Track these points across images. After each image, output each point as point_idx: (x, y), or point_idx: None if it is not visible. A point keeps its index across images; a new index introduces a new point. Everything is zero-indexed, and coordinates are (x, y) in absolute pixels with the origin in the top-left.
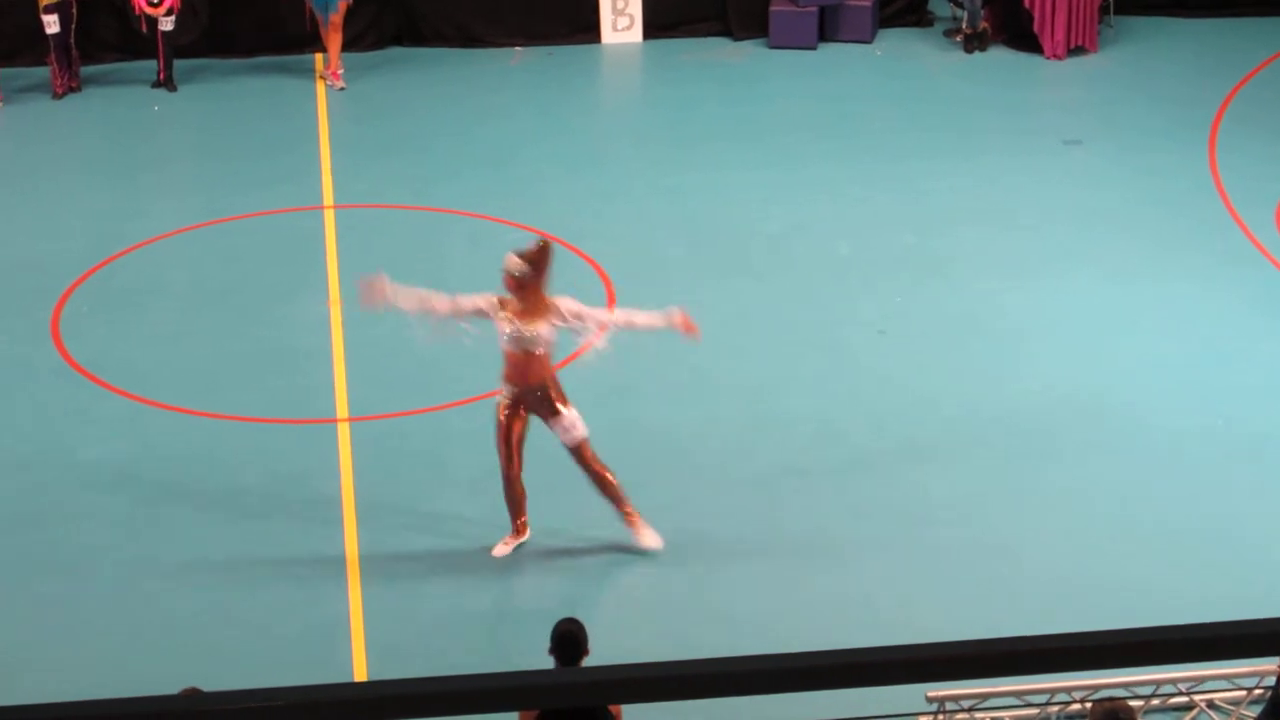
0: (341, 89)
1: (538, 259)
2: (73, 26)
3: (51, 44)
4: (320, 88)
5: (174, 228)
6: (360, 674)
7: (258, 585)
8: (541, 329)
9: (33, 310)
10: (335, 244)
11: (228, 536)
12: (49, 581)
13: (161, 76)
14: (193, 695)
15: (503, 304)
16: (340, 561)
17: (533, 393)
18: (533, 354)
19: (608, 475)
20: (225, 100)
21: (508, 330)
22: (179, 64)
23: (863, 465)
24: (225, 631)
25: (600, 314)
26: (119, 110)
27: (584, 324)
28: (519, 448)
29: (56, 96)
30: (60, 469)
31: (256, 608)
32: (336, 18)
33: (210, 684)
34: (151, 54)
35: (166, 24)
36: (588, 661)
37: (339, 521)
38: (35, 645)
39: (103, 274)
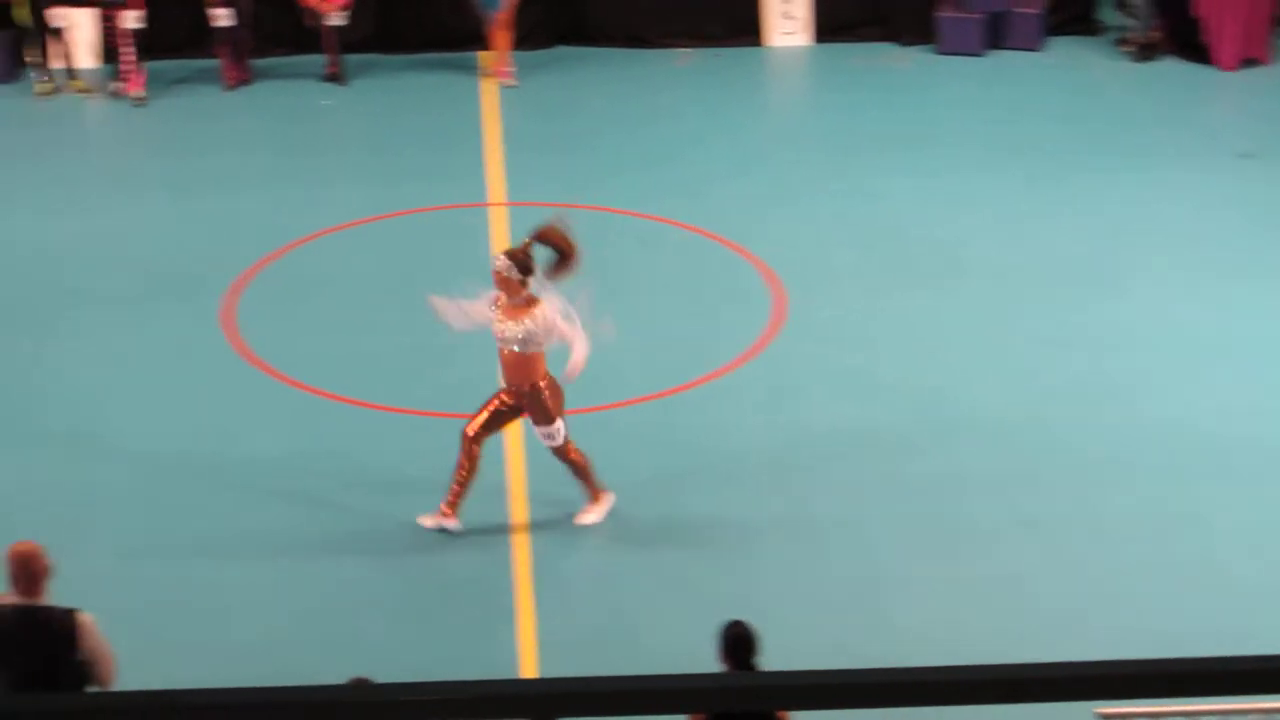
0: (512, 86)
1: (523, 259)
2: (245, 20)
3: (224, 37)
4: (486, 85)
5: (343, 221)
6: (525, 670)
7: (423, 577)
8: (520, 328)
9: (203, 299)
10: (503, 240)
11: (393, 528)
12: (219, 568)
13: (332, 71)
14: (362, 685)
15: (495, 301)
16: (507, 556)
17: (517, 389)
18: (518, 353)
19: (585, 462)
20: (393, 95)
21: (495, 328)
22: (349, 59)
23: (1031, 476)
24: (390, 622)
25: (571, 333)
26: (288, 102)
27: (552, 334)
28: (491, 427)
29: (228, 88)
30: (231, 457)
31: (421, 598)
32: (504, 16)
33: (376, 674)
34: (321, 49)
35: (336, 19)
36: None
37: (506, 516)
38: (202, 628)
39: (275, 265)
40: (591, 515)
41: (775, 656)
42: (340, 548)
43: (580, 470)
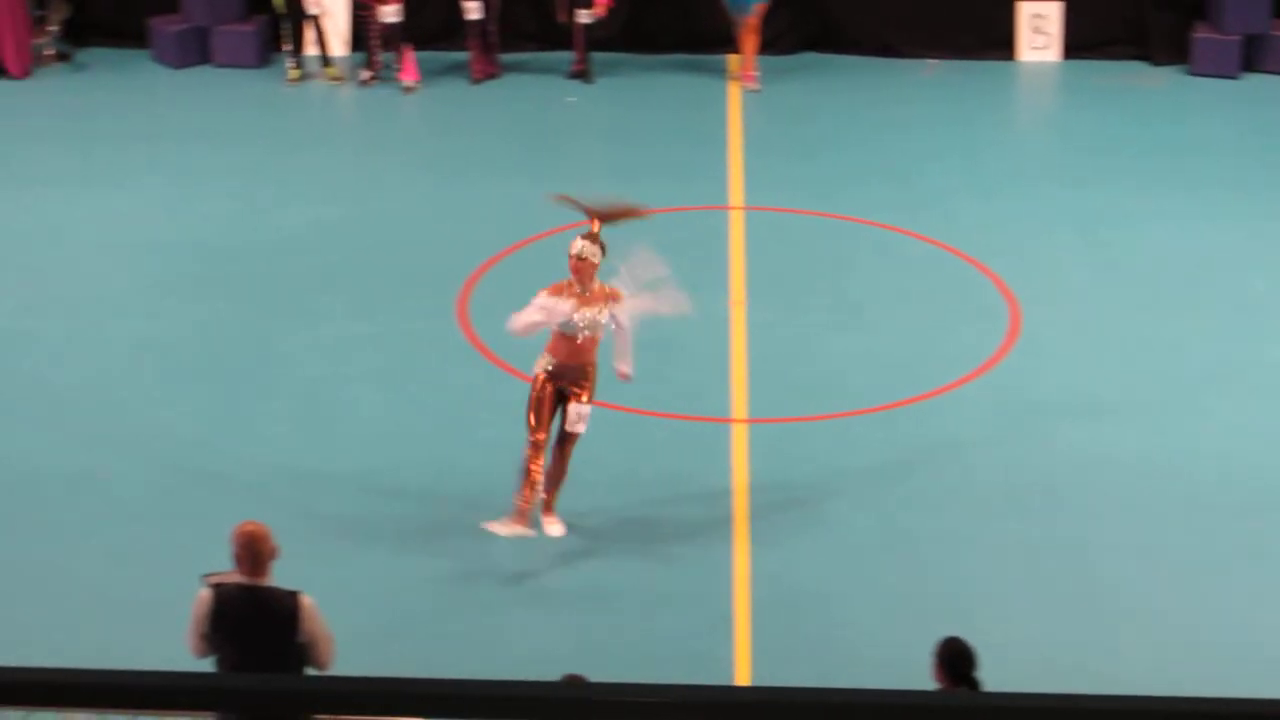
0: (755, 90)
1: (601, 243)
2: (494, 14)
3: (473, 30)
4: (732, 88)
5: (581, 217)
6: (741, 677)
7: (643, 577)
8: (601, 315)
9: (441, 290)
10: (741, 244)
11: (614, 526)
12: (442, 558)
13: (578, 67)
14: (576, 683)
15: (563, 290)
16: (727, 561)
17: (575, 370)
18: (590, 337)
19: (565, 473)
20: (639, 95)
21: (574, 317)
22: (595, 57)
23: (1266, 508)
24: (606, 620)
25: (624, 317)
26: (534, 98)
27: (618, 319)
28: (550, 418)
29: (475, 82)
30: (460, 446)
31: (640, 599)
32: (753, 20)
33: (588, 672)
34: (570, 45)
35: (586, 17)
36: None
37: (729, 521)
38: (427, 619)
39: (513, 258)
40: (499, 527)
41: (994, 676)
42: (560, 542)
43: (558, 478)
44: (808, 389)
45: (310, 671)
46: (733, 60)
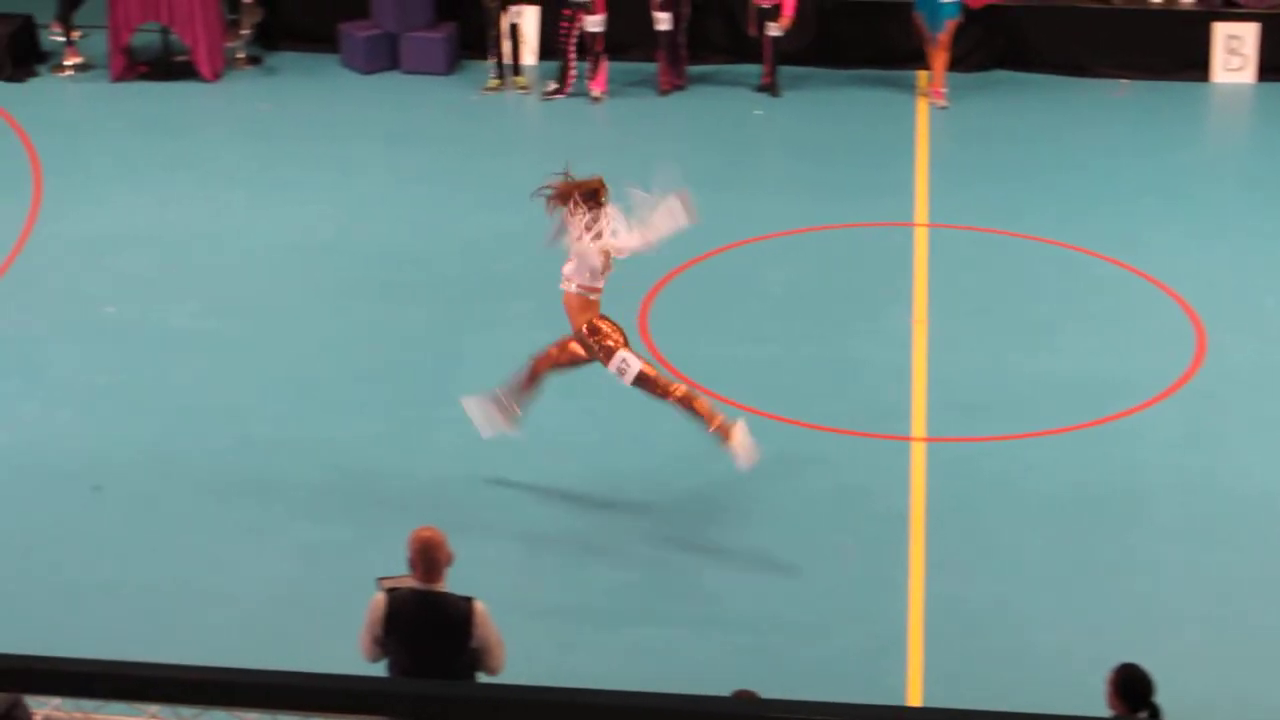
0: (943, 107)
1: (578, 190)
2: (683, 25)
3: (663, 41)
4: (921, 105)
5: (766, 231)
6: (913, 698)
7: (815, 594)
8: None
9: (623, 300)
10: (925, 262)
11: (790, 543)
12: (616, 570)
13: (766, 80)
14: (748, 699)
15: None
16: (902, 582)
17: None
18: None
19: (685, 395)
20: (826, 109)
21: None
22: (784, 70)
23: None
24: (779, 636)
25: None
26: (721, 110)
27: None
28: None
29: (662, 93)
30: (636, 457)
31: (812, 616)
32: (944, 36)
33: (760, 688)
34: (758, 58)
35: (775, 30)
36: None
37: (904, 541)
38: (598, 629)
39: (694, 271)
40: (743, 453)
41: (1172, 705)
42: (735, 557)
43: (687, 408)
44: (988, 409)
45: (481, 678)
46: (922, 76)
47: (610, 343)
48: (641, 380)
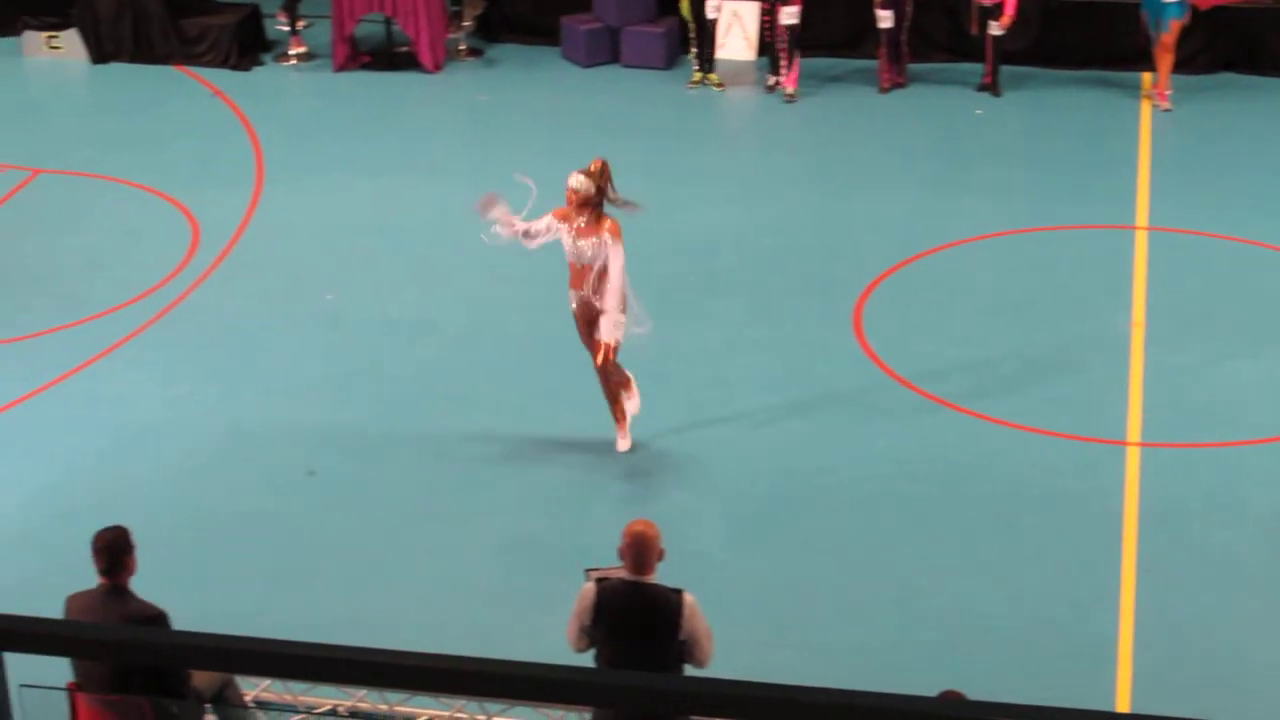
0: (1167, 110)
1: (600, 178)
2: (906, 24)
3: (883, 38)
4: (1145, 107)
5: (983, 231)
6: (1122, 704)
7: (1024, 596)
8: (591, 248)
9: (835, 298)
10: (1144, 267)
11: (999, 544)
12: (822, 566)
13: (987, 80)
14: (954, 699)
15: (564, 218)
16: (1114, 586)
17: (589, 301)
18: (588, 266)
19: (629, 382)
20: (1047, 110)
21: (568, 244)
22: (1005, 70)
23: None
24: (985, 638)
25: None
26: (940, 110)
27: (606, 261)
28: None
29: (882, 90)
30: (849, 457)
31: (1021, 619)
32: (1169, 37)
33: (964, 690)
34: (980, 56)
35: (997, 29)
36: None
37: (1118, 546)
38: (805, 625)
39: (908, 270)
40: (624, 442)
41: None
42: (943, 556)
43: (612, 395)
44: (1204, 415)
45: (688, 670)
46: (1146, 78)
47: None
48: (616, 350)
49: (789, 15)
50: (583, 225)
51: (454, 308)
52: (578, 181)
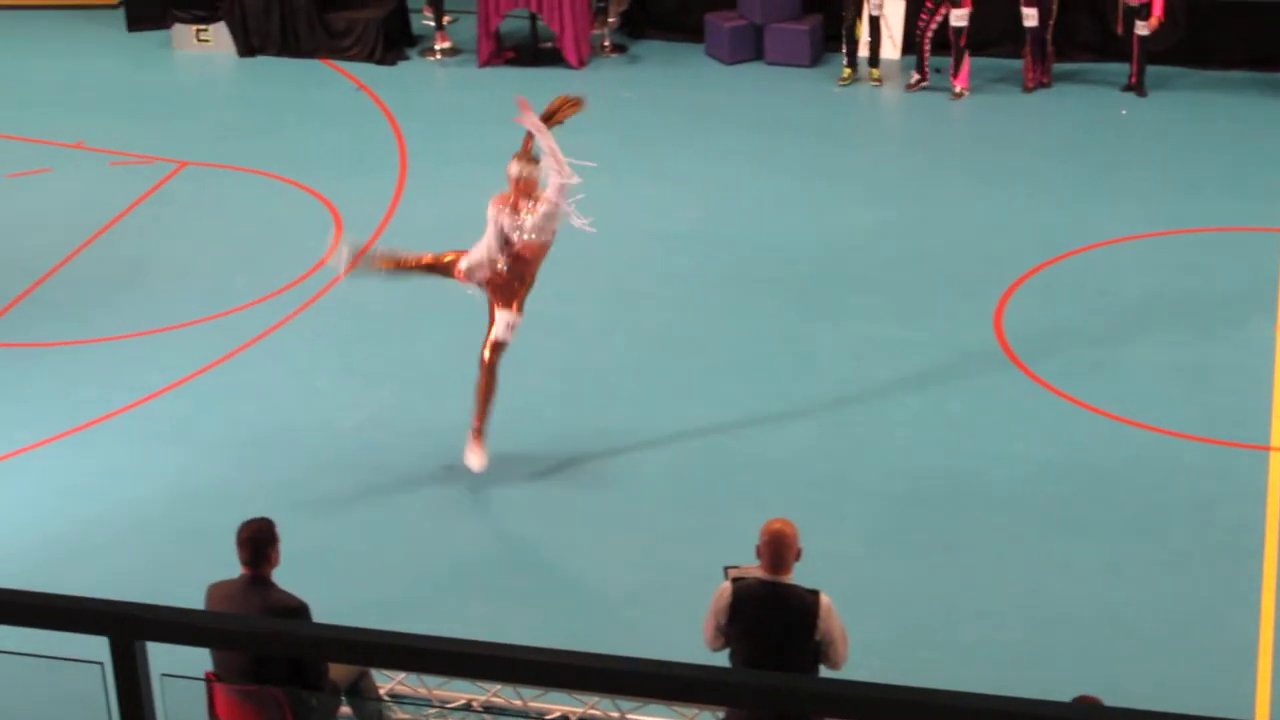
0: None
1: (529, 156)
2: (1051, 23)
3: (1028, 37)
4: None
5: (1128, 233)
6: (1261, 712)
7: (1163, 600)
8: (537, 214)
9: (979, 298)
10: None
11: (1137, 547)
12: (952, 570)
13: (1133, 80)
14: (1090, 704)
15: (506, 199)
16: (1255, 591)
17: (511, 278)
18: (534, 241)
19: (493, 390)
20: (1193, 111)
21: (508, 227)
22: (1151, 70)
23: None
24: (1123, 642)
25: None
26: (1086, 109)
27: (560, 201)
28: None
29: (1026, 90)
30: (989, 458)
31: (1159, 623)
32: None
33: (1101, 695)
34: (1126, 56)
35: (1143, 29)
36: None
37: (1259, 551)
38: (939, 626)
39: (1052, 270)
40: (476, 459)
41: None
42: (1081, 561)
43: (488, 394)
44: None
45: (823, 671)
46: None
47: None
48: (500, 350)
49: (959, 17)
50: (528, 205)
51: (592, 304)
52: (517, 168)
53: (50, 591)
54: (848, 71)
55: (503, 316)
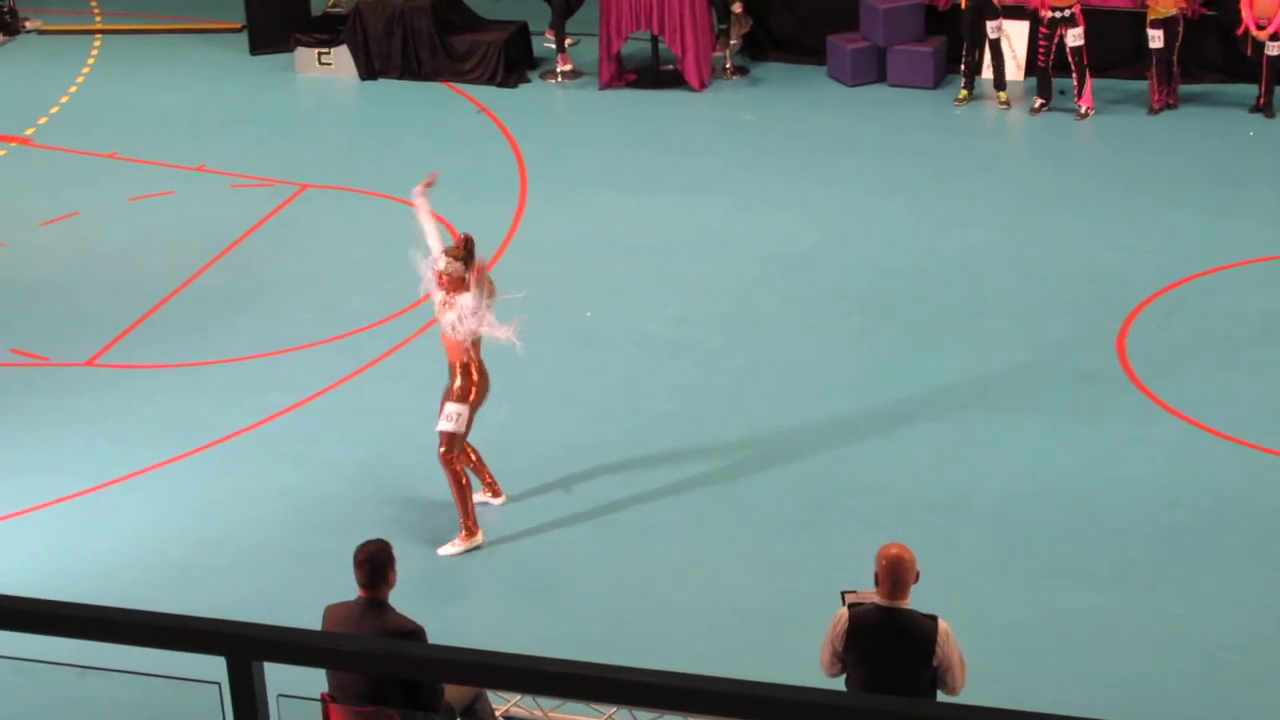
0: None
1: (463, 254)
2: (1177, 44)
3: (1154, 59)
4: None
5: (1254, 255)
6: None
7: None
8: (452, 313)
9: (1102, 319)
10: None
11: (1260, 574)
12: (1076, 593)
13: (1261, 101)
14: None
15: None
16: None
17: (450, 369)
18: (449, 337)
19: (465, 484)
20: None
21: (442, 320)
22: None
23: None
24: (1246, 671)
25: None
26: (1213, 131)
27: (476, 315)
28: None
29: (1152, 112)
30: (1109, 482)
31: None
32: None
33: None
34: (1254, 78)
35: (1273, 49)
36: None
37: None
38: (1057, 653)
39: (1178, 293)
40: (450, 548)
41: None
42: (1198, 586)
43: (455, 490)
44: None
45: (941, 697)
46: None
47: (470, 392)
48: (450, 440)
49: (1074, 37)
50: (449, 300)
51: (711, 327)
52: (446, 264)
53: (169, 612)
54: (964, 93)
55: (447, 406)
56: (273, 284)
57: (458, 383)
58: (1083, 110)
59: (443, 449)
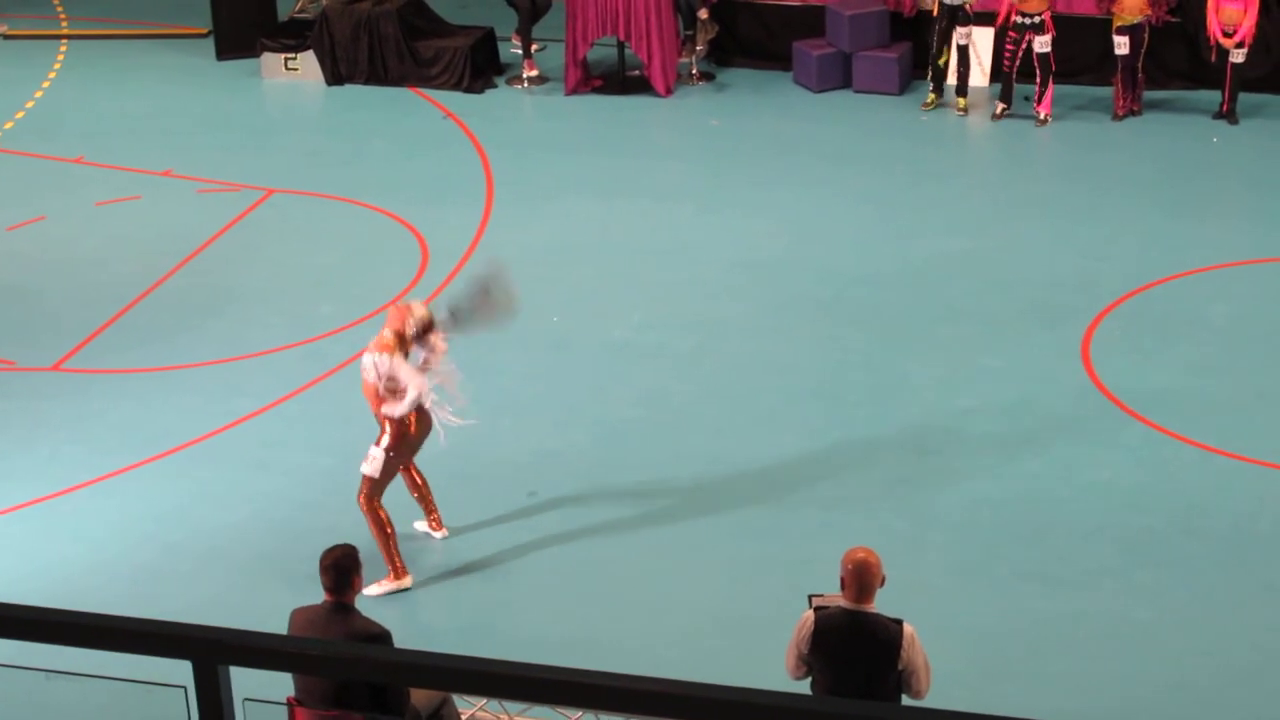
0: None
1: (424, 329)
2: (1142, 50)
3: (1119, 65)
4: None
5: (1218, 261)
6: None
7: (1255, 633)
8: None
9: (1065, 327)
10: None
11: (1226, 579)
12: (1043, 598)
13: (1224, 108)
14: None
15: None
16: None
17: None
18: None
19: (388, 531)
20: None
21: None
22: (1243, 98)
23: None
24: (1213, 676)
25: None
26: (1177, 137)
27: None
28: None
29: (1116, 118)
30: (1075, 487)
31: (1252, 655)
32: None
33: None
34: (1217, 85)
35: (1237, 56)
36: None
37: None
38: (1024, 658)
39: (1143, 298)
40: (376, 588)
41: None
42: (1160, 594)
43: (377, 533)
44: None
45: (906, 701)
46: None
47: (390, 438)
48: (371, 484)
49: (1042, 44)
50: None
51: (678, 332)
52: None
53: (135, 616)
54: (932, 97)
55: (371, 448)
56: (239, 289)
57: (382, 431)
58: (1041, 116)
59: (362, 496)
